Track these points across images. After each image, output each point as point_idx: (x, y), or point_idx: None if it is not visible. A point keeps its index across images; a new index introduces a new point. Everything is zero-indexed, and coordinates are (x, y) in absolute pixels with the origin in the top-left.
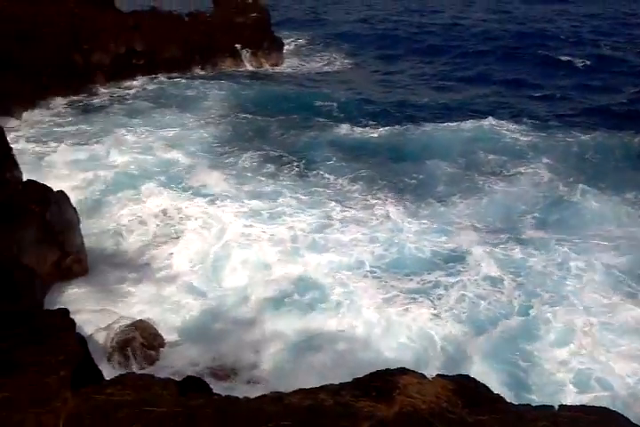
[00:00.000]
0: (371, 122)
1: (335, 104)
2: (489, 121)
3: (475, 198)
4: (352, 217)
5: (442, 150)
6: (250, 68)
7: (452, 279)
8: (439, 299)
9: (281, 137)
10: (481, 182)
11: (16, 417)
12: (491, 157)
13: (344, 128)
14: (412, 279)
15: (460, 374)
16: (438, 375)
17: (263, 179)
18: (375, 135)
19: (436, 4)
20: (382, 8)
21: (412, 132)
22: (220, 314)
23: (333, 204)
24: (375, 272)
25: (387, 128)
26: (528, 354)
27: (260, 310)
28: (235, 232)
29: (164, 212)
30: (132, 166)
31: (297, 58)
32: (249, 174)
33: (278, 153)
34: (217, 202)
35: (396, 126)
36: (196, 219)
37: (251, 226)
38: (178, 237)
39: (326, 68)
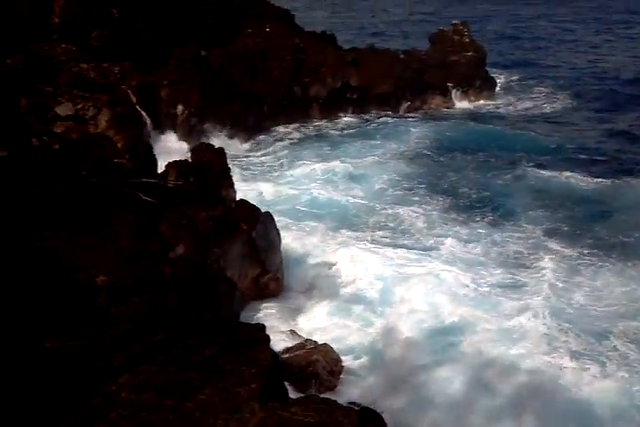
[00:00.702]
0: (581, 170)
1: (543, 147)
2: None
3: None
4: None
5: None
6: (459, 105)
7: None
8: None
9: (476, 178)
10: None
11: (209, 421)
12: None
13: (549, 174)
14: None
15: None
16: None
17: (449, 223)
18: (584, 185)
19: None
20: (607, 52)
21: (629, 187)
22: (404, 341)
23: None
24: None
25: (599, 179)
26: None
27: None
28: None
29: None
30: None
31: (509, 96)
32: (434, 213)
33: (471, 195)
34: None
35: (611, 178)
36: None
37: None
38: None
39: (539, 108)
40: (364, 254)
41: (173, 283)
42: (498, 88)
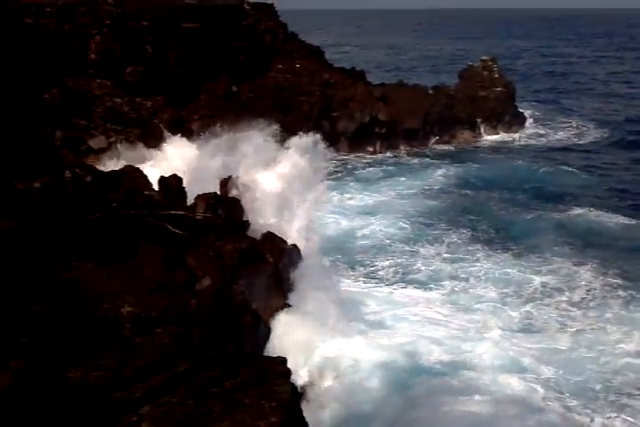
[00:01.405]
0: (610, 207)
1: (573, 183)
2: None
3: None
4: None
5: None
6: (487, 138)
7: None
8: None
9: (500, 214)
10: None
11: None
12: None
13: (577, 211)
14: None
15: None
16: None
17: (469, 256)
18: (611, 223)
19: None
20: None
21: None
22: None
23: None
24: None
25: (631, 220)
26: None
27: None
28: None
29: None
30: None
31: (539, 130)
32: (453, 246)
33: (493, 231)
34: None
35: None
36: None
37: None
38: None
39: (568, 142)
40: (380, 290)
41: (198, 314)
42: (527, 123)
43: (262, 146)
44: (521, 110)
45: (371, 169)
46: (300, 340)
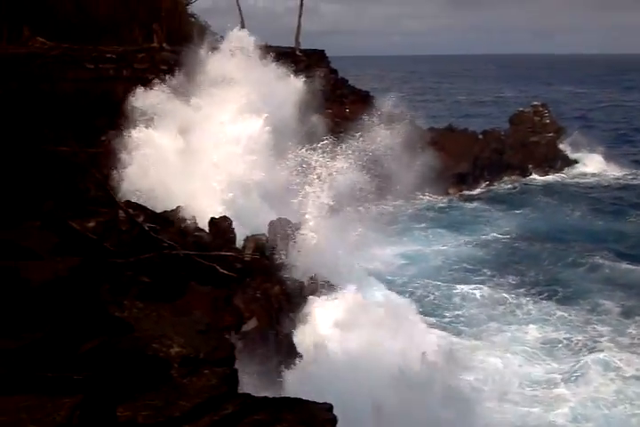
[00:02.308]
0: None
1: (631, 234)
2: None
3: None
4: None
5: None
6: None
7: None
8: None
9: (548, 267)
10: None
11: None
12: None
13: (631, 267)
14: None
15: None
16: None
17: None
18: None
19: None
20: None
21: None
22: None
23: None
24: None
25: None
26: None
27: None
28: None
29: None
30: None
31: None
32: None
33: (541, 284)
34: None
35: None
36: None
37: None
38: None
39: (624, 189)
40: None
41: (245, 356)
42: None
43: None
44: (573, 158)
45: (414, 220)
46: None
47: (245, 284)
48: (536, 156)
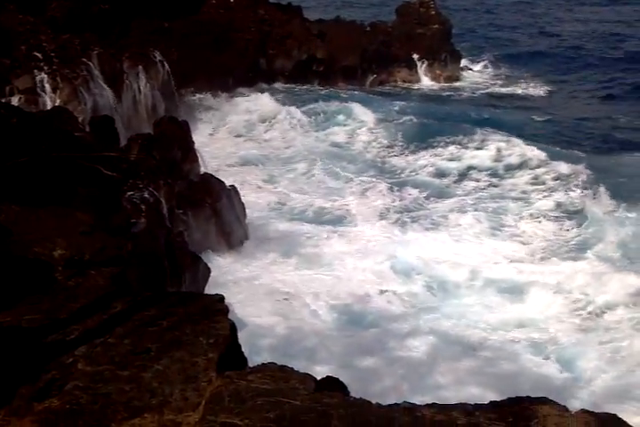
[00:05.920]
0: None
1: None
2: None
3: None
4: None
5: None
6: (425, 81)
7: None
8: None
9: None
10: None
11: (165, 390)
12: None
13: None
14: None
15: (607, 413)
16: (582, 411)
17: None
18: None
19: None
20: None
21: None
22: None
23: None
24: None
25: None
26: None
27: None
28: None
29: None
30: None
31: (479, 74)
32: None
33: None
34: None
35: None
36: None
37: None
38: None
39: (509, 89)
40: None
41: (134, 257)
42: (463, 62)
43: None
44: (457, 49)
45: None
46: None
47: (132, 185)
48: (422, 48)
